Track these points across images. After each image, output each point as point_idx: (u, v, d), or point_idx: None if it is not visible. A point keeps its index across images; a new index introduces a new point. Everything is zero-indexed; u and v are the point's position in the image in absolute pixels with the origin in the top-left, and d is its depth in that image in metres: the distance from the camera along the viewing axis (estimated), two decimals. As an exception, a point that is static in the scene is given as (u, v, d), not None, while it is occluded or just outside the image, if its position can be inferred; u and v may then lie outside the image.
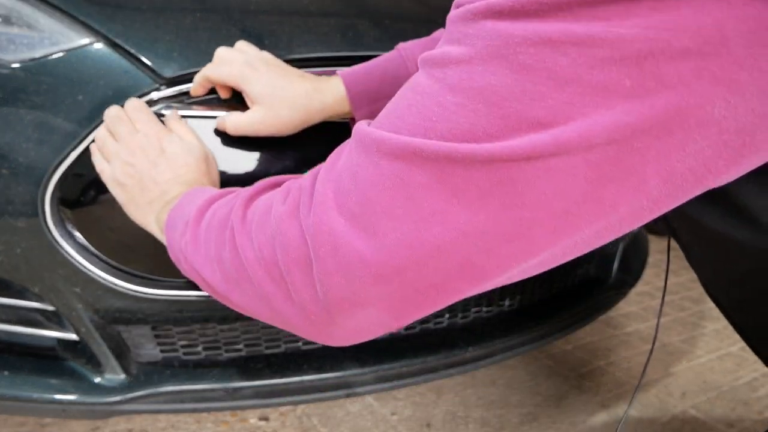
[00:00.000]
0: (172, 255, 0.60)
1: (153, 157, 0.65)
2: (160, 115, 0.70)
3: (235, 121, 0.69)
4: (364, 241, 0.38)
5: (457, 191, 0.34)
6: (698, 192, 0.36)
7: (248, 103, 0.70)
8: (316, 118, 0.71)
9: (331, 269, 0.40)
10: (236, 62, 0.68)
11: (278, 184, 0.51)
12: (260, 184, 0.53)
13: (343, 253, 0.39)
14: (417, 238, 0.36)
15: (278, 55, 0.74)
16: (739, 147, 0.33)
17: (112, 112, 0.67)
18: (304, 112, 0.69)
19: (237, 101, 0.72)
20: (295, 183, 0.45)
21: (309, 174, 0.44)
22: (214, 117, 0.72)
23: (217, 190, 0.59)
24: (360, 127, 0.40)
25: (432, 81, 0.36)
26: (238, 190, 0.56)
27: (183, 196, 0.61)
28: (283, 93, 0.68)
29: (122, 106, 0.68)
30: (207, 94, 0.73)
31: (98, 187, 0.70)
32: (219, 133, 0.72)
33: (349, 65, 0.75)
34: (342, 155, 0.42)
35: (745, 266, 0.50)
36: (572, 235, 0.36)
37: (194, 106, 0.72)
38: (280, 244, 0.42)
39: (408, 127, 0.36)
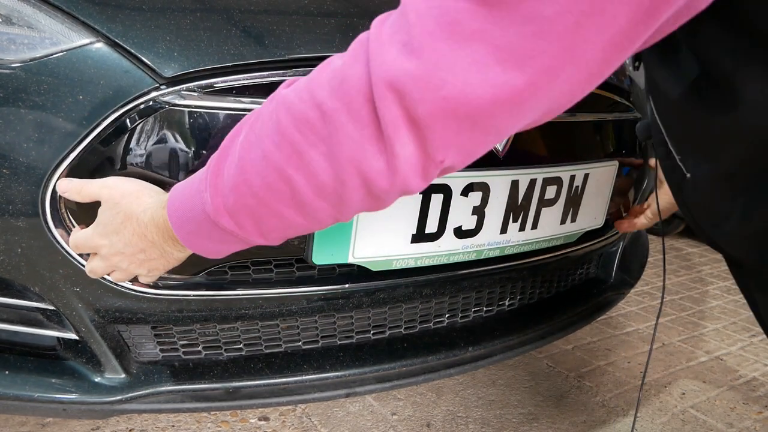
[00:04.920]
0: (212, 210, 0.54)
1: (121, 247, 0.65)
2: (158, 108, 0.70)
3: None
4: (411, 62, 0.42)
5: (491, 10, 0.40)
6: (669, 14, 0.41)
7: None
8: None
9: (385, 93, 0.44)
10: None
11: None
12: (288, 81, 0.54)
13: (393, 76, 0.43)
14: (457, 56, 0.41)
15: (278, 55, 0.74)
16: None
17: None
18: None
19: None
20: (356, 40, 0.49)
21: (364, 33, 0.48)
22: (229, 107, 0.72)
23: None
24: None
25: None
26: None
27: (170, 195, 0.58)
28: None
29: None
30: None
31: (98, 186, 0.70)
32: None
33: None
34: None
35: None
36: (587, 49, 0.41)
37: (207, 96, 0.72)
38: (348, 89, 0.46)
39: None
